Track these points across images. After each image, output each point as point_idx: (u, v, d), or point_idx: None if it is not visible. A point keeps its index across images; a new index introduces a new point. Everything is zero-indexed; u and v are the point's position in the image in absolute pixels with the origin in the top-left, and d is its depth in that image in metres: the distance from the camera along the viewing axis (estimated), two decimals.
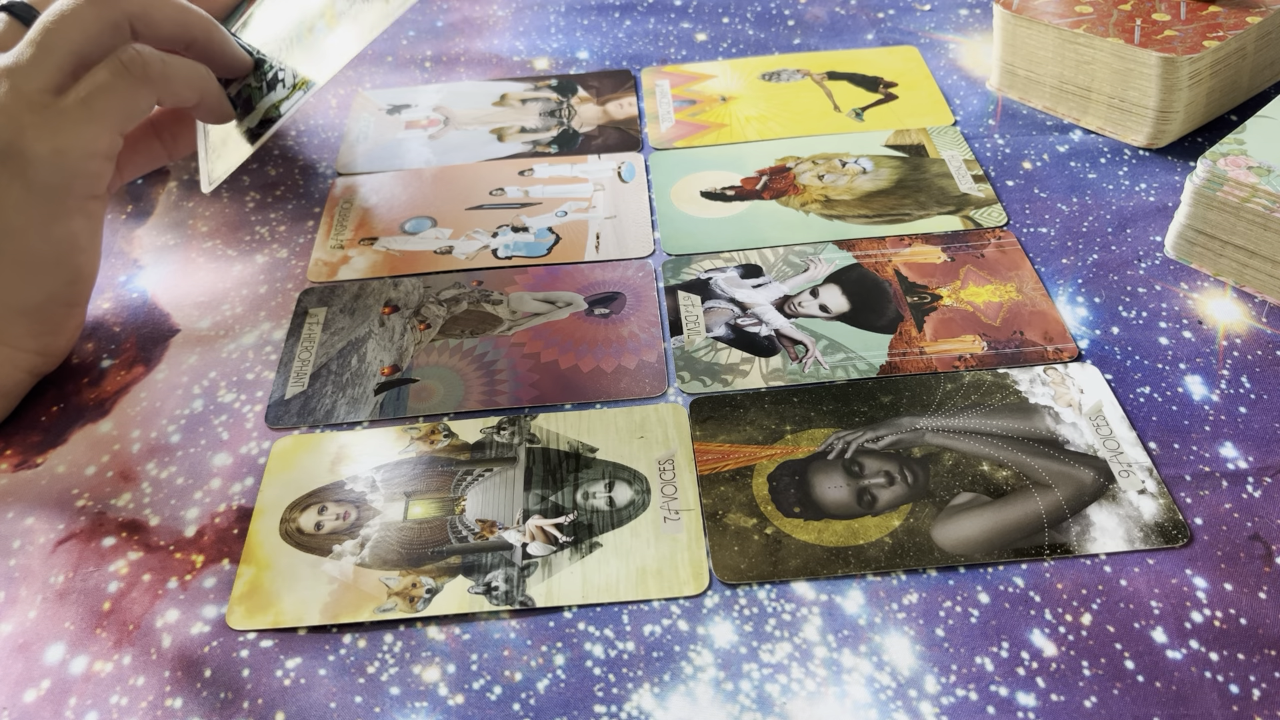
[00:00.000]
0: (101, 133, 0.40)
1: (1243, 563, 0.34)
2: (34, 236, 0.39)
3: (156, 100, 0.42)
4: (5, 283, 0.40)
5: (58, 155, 0.38)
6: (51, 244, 0.40)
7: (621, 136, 0.56)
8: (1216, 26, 0.49)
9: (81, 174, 0.40)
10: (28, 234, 0.39)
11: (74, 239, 0.40)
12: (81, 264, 0.41)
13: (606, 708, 0.31)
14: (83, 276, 0.42)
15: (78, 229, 0.40)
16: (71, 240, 0.40)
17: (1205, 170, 0.42)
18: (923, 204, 0.49)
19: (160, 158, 0.49)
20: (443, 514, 0.37)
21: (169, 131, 0.49)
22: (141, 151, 0.48)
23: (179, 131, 0.49)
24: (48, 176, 0.39)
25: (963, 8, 0.65)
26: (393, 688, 0.32)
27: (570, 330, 0.44)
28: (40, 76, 0.39)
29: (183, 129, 0.49)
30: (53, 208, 0.39)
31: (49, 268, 0.40)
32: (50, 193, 0.39)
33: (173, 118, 0.49)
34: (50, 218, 0.39)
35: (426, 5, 0.69)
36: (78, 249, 0.41)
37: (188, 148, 0.49)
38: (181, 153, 0.50)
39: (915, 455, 0.38)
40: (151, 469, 0.39)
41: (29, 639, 0.34)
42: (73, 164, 0.39)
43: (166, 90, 0.41)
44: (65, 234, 0.40)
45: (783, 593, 0.34)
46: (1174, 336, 0.42)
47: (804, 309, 0.44)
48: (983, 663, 0.32)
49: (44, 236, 0.39)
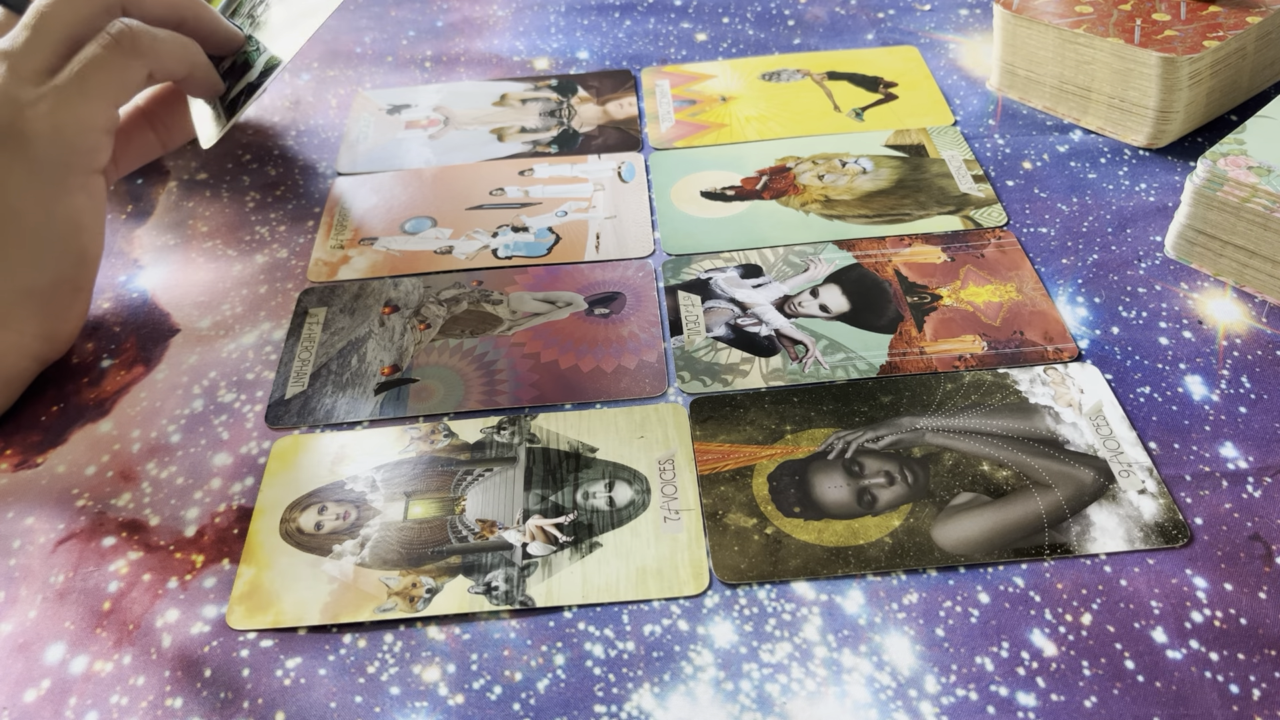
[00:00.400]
0: (98, 108, 0.40)
1: (1243, 563, 0.34)
2: (38, 216, 0.40)
3: (148, 74, 0.42)
4: (10, 265, 0.40)
5: (56, 132, 0.39)
6: (56, 223, 0.40)
7: (621, 136, 0.56)
8: (1216, 26, 0.49)
9: (81, 149, 0.40)
10: (32, 214, 0.40)
11: (78, 217, 0.41)
12: (86, 244, 0.42)
13: (606, 708, 0.31)
14: (88, 258, 0.42)
15: (80, 206, 0.41)
16: (75, 219, 0.41)
17: (1205, 170, 0.42)
18: (923, 204, 0.49)
19: (155, 148, 0.49)
20: (443, 514, 0.37)
21: (162, 122, 0.49)
22: (136, 142, 0.48)
23: (172, 121, 0.49)
24: (48, 153, 0.39)
25: (963, 8, 0.65)
26: (393, 687, 0.32)
27: (570, 330, 0.44)
28: (35, 58, 0.40)
29: (175, 117, 0.49)
30: (55, 186, 0.40)
31: (54, 248, 0.41)
32: (51, 170, 0.40)
33: (165, 106, 0.49)
34: (53, 196, 0.40)
35: (427, 5, 0.69)
36: (81, 228, 0.41)
37: (183, 136, 0.50)
38: (176, 142, 0.50)
39: (915, 455, 0.38)
40: (151, 469, 0.39)
41: (29, 639, 0.34)
42: (71, 139, 0.40)
43: (156, 63, 0.42)
44: (69, 212, 0.41)
45: (783, 593, 0.34)
46: (1174, 336, 0.42)
47: (804, 309, 0.44)
48: (983, 663, 0.32)
49: (48, 216, 0.40)
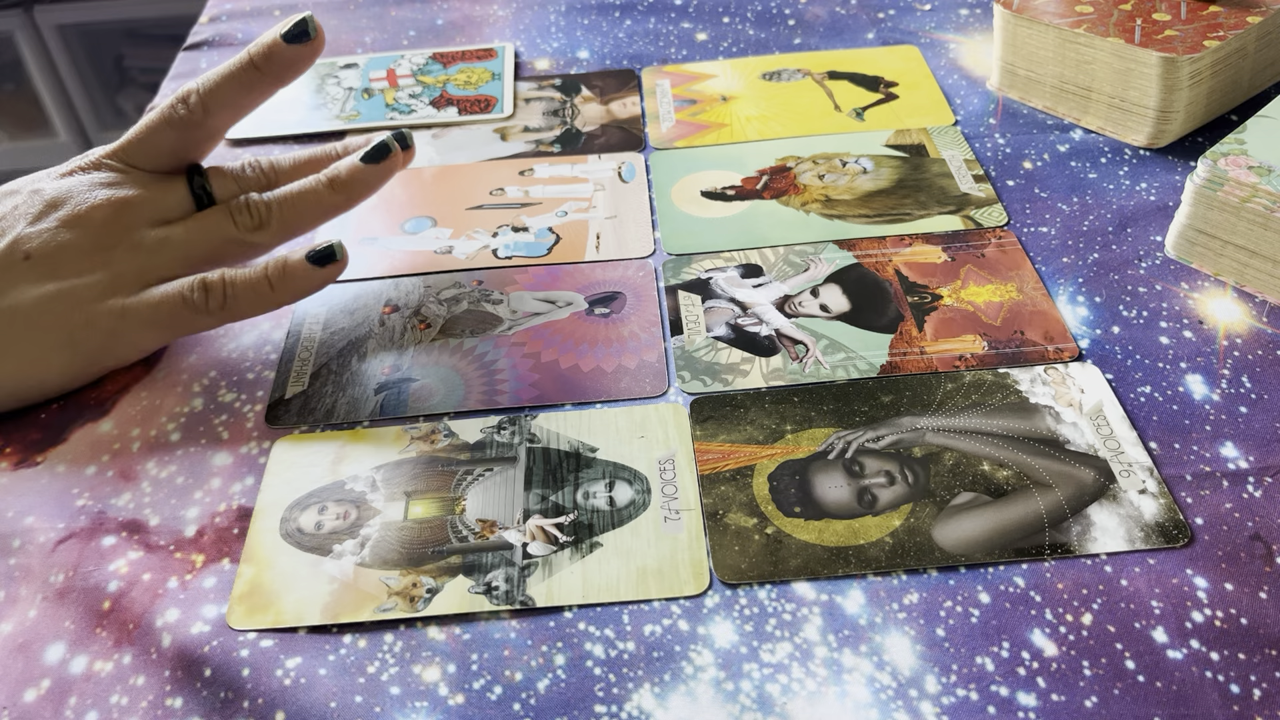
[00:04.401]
0: (152, 338, 0.42)
1: (1243, 563, 0.34)
2: (57, 372, 0.42)
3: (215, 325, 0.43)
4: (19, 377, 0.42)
5: (110, 338, 0.41)
6: (70, 378, 0.42)
7: (624, 136, 0.56)
8: (1217, 26, 0.49)
9: (120, 359, 0.43)
10: (54, 368, 0.42)
11: (99, 372, 0.43)
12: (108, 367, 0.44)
13: (607, 708, 0.31)
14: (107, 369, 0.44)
15: (104, 368, 0.43)
16: (97, 372, 0.43)
17: (1206, 170, 0.42)
18: (923, 204, 0.49)
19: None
20: (443, 514, 0.37)
21: None
22: None
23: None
24: (87, 345, 0.41)
25: (963, 7, 0.65)
26: (393, 687, 0.32)
27: (570, 330, 0.44)
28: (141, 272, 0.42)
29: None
30: (86, 365, 0.42)
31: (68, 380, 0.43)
32: (87, 357, 0.42)
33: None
34: (80, 368, 0.42)
35: (427, 5, 0.69)
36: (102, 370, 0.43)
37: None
38: None
39: (916, 455, 0.38)
40: (151, 468, 0.39)
41: (29, 638, 0.34)
42: (119, 351, 0.42)
43: (226, 320, 0.43)
44: (91, 375, 0.43)
45: (783, 593, 0.34)
46: (1174, 336, 0.42)
47: (804, 309, 0.44)
48: (983, 663, 0.32)
49: (65, 374, 0.42)
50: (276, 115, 0.58)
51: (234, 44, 0.66)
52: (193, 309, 0.41)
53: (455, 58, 0.63)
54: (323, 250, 0.42)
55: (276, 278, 0.42)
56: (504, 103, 0.58)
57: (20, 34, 1.40)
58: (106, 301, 0.41)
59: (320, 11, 0.69)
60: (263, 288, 0.42)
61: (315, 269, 0.42)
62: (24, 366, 0.40)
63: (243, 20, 0.68)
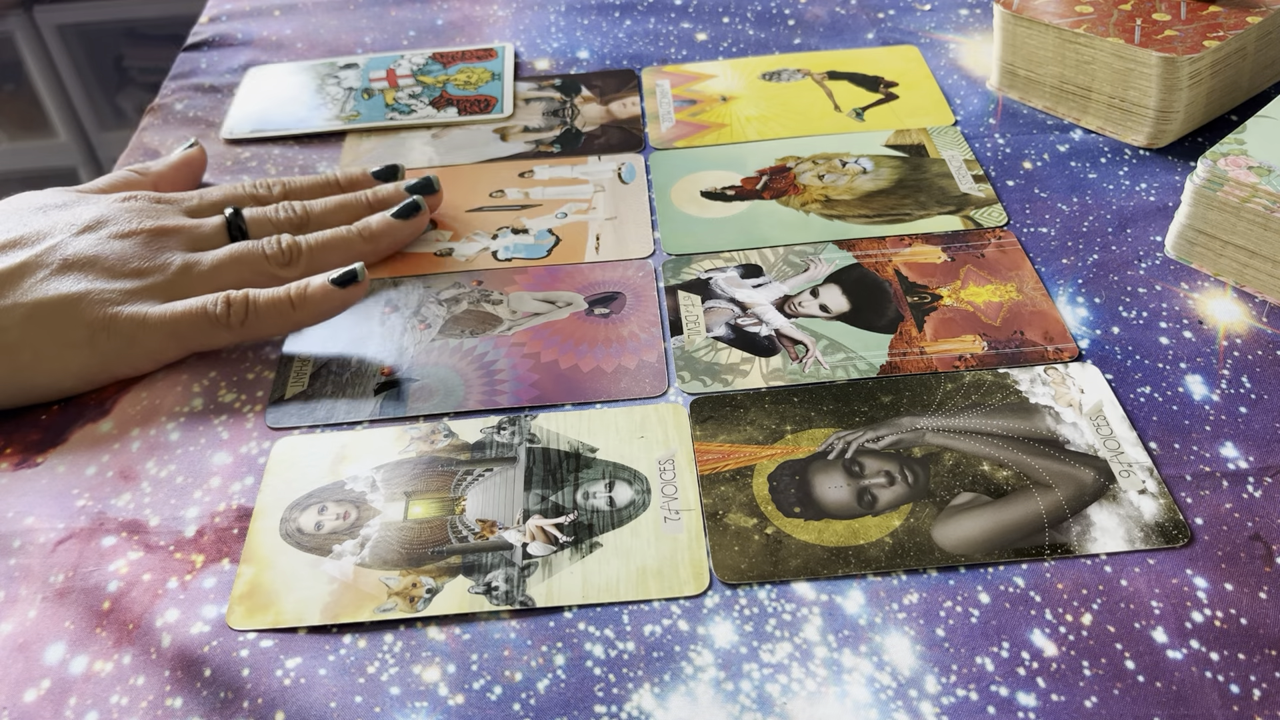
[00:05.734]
0: (171, 347, 0.43)
1: (1243, 563, 0.34)
2: (73, 371, 0.42)
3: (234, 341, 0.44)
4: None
5: (129, 344, 0.42)
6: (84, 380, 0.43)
7: (624, 136, 0.56)
8: (1217, 26, 0.49)
9: (136, 367, 0.43)
10: (71, 367, 0.42)
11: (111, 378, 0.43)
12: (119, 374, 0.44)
13: (607, 708, 0.31)
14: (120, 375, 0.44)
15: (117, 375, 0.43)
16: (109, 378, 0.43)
17: (1206, 170, 0.42)
18: (923, 204, 0.49)
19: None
20: (443, 514, 0.37)
21: None
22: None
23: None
24: (106, 348, 0.42)
25: (963, 8, 0.65)
26: (393, 688, 0.32)
27: (570, 330, 0.44)
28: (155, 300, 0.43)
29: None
30: (101, 368, 0.42)
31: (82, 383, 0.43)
32: (104, 360, 0.42)
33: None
34: (95, 370, 0.42)
35: (427, 5, 0.69)
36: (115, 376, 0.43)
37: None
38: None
39: (916, 455, 0.38)
40: (151, 468, 0.39)
41: (29, 638, 0.34)
42: (135, 359, 0.42)
43: (246, 338, 0.44)
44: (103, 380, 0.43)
45: (783, 593, 0.34)
46: (1174, 336, 0.42)
47: (804, 309, 0.44)
48: (983, 663, 0.32)
49: (80, 375, 0.42)
50: (277, 115, 0.58)
51: (234, 44, 0.66)
52: (213, 321, 0.42)
53: (455, 58, 0.63)
54: (345, 273, 0.44)
55: (299, 298, 0.43)
56: (504, 103, 0.58)
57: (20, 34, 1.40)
58: (130, 307, 0.42)
59: (320, 12, 0.69)
60: (284, 307, 0.43)
61: (337, 290, 0.43)
62: (41, 361, 0.41)
63: (243, 20, 0.68)
